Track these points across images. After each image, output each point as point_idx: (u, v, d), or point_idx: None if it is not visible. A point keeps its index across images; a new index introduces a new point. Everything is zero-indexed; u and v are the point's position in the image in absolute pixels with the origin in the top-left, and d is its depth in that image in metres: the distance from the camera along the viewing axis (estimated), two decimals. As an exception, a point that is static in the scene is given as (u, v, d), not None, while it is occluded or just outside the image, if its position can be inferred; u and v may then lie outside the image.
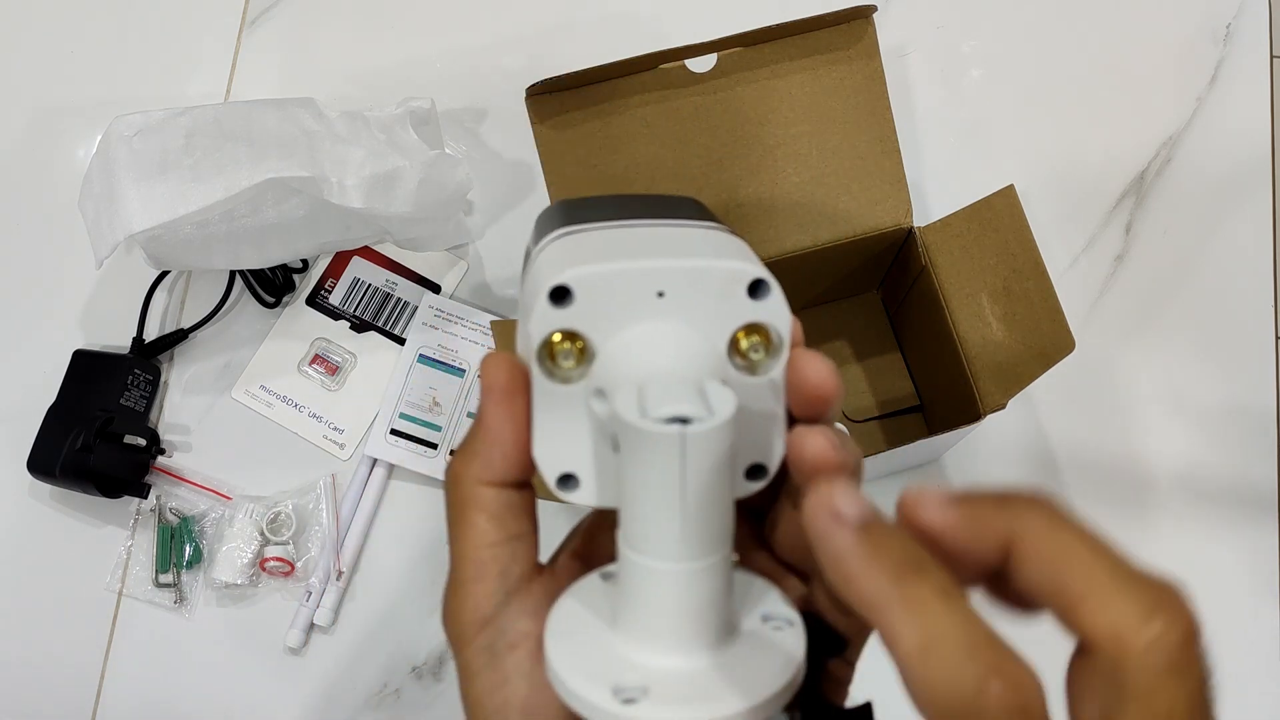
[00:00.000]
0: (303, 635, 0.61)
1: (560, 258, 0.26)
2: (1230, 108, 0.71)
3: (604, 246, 0.27)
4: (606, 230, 0.28)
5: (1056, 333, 0.50)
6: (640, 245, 0.27)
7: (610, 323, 0.25)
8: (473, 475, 0.26)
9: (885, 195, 0.56)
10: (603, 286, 0.25)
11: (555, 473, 0.26)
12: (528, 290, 0.27)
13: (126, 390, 0.63)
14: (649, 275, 0.25)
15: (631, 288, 0.25)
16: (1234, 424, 0.65)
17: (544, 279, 0.25)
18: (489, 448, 0.26)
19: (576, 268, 0.25)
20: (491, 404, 0.26)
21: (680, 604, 0.24)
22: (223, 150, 0.56)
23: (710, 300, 0.25)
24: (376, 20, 0.74)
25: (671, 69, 0.53)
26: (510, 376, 0.26)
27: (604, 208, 0.30)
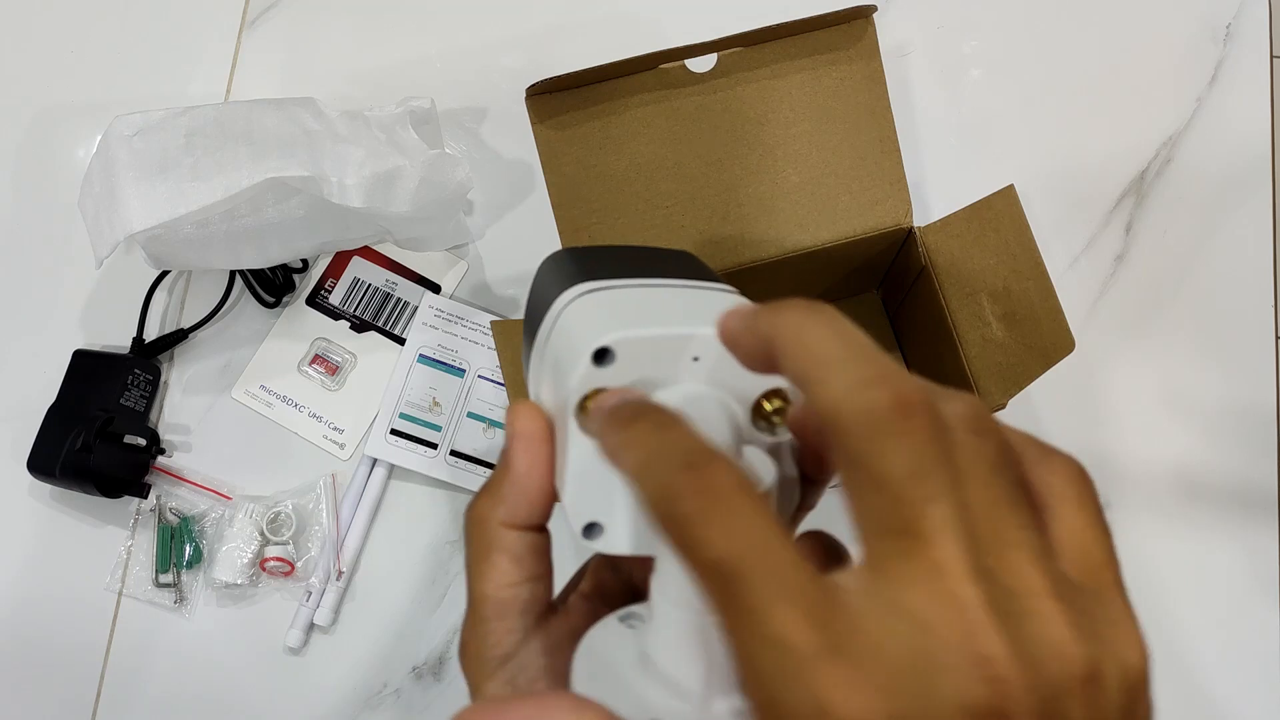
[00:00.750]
0: (303, 635, 0.61)
1: (595, 317, 0.27)
2: (1230, 108, 0.71)
3: (636, 307, 0.29)
4: (633, 289, 0.30)
5: (1056, 333, 0.50)
6: (672, 309, 0.29)
7: (647, 383, 0.27)
8: (498, 518, 0.28)
9: (885, 195, 0.56)
10: (643, 349, 0.26)
11: (583, 520, 0.27)
12: (559, 345, 0.28)
13: (126, 390, 0.63)
14: (687, 341, 0.27)
15: (669, 352, 0.27)
16: (1234, 424, 0.65)
17: (585, 339, 0.26)
18: (515, 492, 0.27)
19: (619, 331, 0.26)
20: (520, 450, 0.27)
21: (713, 649, 0.25)
22: (223, 150, 0.56)
23: (739, 366, 0.27)
24: (376, 20, 0.74)
25: (671, 69, 0.53)
26: (538, 426, 0.28)
27: (614, 261, 0.32)
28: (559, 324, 0.28)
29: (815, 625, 0.19)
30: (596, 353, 0.26)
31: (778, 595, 0.19)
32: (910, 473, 0.20)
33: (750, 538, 0.20)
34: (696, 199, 0.55)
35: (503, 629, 0.27)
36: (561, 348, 0.28)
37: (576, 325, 0.28)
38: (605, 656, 0.27)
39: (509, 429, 0.28)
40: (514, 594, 0.28)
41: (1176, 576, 0.63)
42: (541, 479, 0.27)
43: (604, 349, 0.26)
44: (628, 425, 0.23)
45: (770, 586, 0.19)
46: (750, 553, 0.20)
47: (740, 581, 0.19)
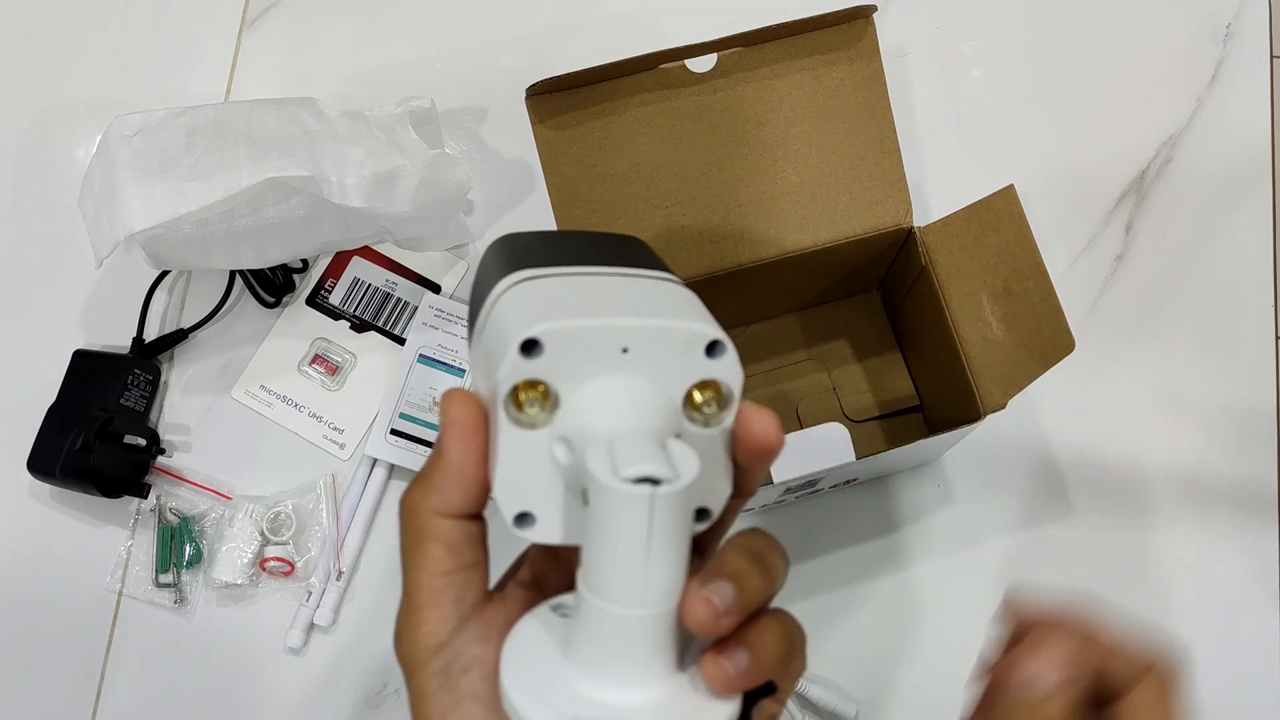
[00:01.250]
0: (303, 635, 0.61)
1: (527, 307, 0.27)
2: (1230, 108, 0.71)
3: (567, 297, 0.28)
4: (567, 278, 0.29)
5: (1056, 333, 0.50)
6: (604, 299, 0.28)
7: (576, 374, 0.27)
8: (430, 507, 0.28)
9: (885, 195, 0.56)
10: (571, 341, 0.26)
11: (514, 510, 0.27)
12: (491, 336, 0.28)
13: (126, 390, 0.63)
14: (615, 332, 0.26)
15: (598, 343, 0.26)
16: (1234, 424, 0.65)
17: (514, 329, 0.26)
18: (448, 481, 0.27)
19: (547, 322, 0.26)
20: (452, 439, 0.27)
21: (634, 646, 0.26)
22: (223, 150, 0.56)
23: (671, 357, 0.27)
24: (376, 20, 0.74)
25: (671, 69, 0.53)
26: (470, 414, 0.27)
27: (554, 248, 0.32)
28: (493, 314, 0.28)
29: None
30: (524, 343, 0.26)
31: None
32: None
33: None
34: (696, 199, 0.55)
35: (436, 617, 0.28)
36: (493, 338, 0.27)
37: (507, 315, 0.27)
38: (533, 645, 0.27)
39: (442, 417, 0.27)
40: (447, 582, 0.28)
41: (1176, 576, 0.63)
42: (475, 467, 0.27)
43: (532, 340, 0.26)
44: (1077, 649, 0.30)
45: None
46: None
47: None
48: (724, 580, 0.26)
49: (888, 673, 0.61)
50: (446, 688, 0.27)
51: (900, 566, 0.63)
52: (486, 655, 0.27)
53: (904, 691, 0.61)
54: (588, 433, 0.26)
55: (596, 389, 0.27)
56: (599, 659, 0.26)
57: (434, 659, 0.27)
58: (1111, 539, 0.63)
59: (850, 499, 0.63)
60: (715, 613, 0.25)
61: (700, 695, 0.26)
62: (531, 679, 0.26)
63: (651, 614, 0.25)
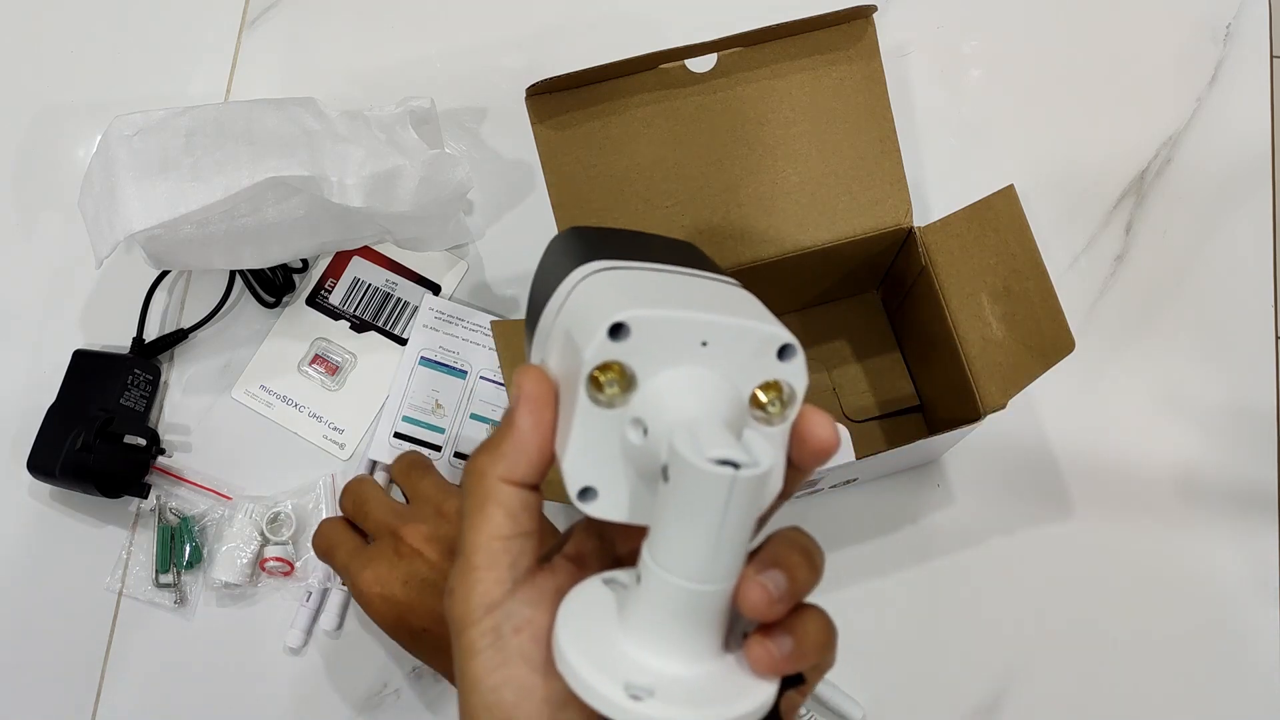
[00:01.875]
0: (303, 636, 0.61)
1: (613, 294, 0.29)
2: (1230, 108, 0.71)
3: (651, 289, 0.30)
4: (645, 271, 0.31)
5: (1056, 333, 0.50)
6: (684, 294, 0.30)
7: (656, 361, 0.28)
8: (497, 472, 0.29)
9: (885, 195, 0.56)
10: (656, 328, 0.27)
11: (579, 485, 0.29)
12: (572, 317, 0.29)
13: (126, 390, 0.63)
14: (698, 326, 0.28)
15: (681, 334, 0.28)
16: (1234, 424, 0.65)
17: (602, 313, 0.27)
18: (516, 450, 0.29)
19: (635, 308, 0.27)
20: (525, 411, 0.29)
21: (690, 619, 0.27)
22: (223, 150, 0.56)
23: (745, 355, 0.29)
24: (376, 20, 0.74)
25: (672, 69, 0.53)
26: (543, 389, 0.29)
27: (624, 244, 0.34)
28: (573, 296, 0.30)
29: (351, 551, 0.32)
30: (613, 327, 0.27)
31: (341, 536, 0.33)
32: None
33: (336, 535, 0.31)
34: (696, 199, 0.55)
35: (491, 578, 0.29)
36: (576, 319, 0.29)
37: (594, 299, 0.29)
38: (588, 612, 0.29)
39: (516, 390, 0.29)
40: (504, 546, 0.29)
41: (1176, 576, 0.63)
42: (542, 440, 0.29)
43: (620, 324, 0.27)
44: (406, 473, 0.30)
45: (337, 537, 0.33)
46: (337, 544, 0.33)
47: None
48: (777, 570, 0.27)
49: (889, 673, 0.61)
50: (496, 646, 0.28)
51: (900, 567, 0.63)
52: (536, 619, 0.29)
53: (905, 691, 0.61)
54: (664, 416, 0.27)
55: (675, 376, 0.28)
56: (655, 629, 0.27)
57: (486, 618, 0.29)
58: (1111, 539, 0.63)
59: (850, 499, 0.63)
60: (770, 598, 0.27)
61: (743, 675, 0.28)
62: (587, 643, 0.28)
63: (712, 590, 0.27)
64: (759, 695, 0.27)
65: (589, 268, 0.30)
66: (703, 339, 0.28)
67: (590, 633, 0.28)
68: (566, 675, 0.27)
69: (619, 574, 0.30)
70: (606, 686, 0.26)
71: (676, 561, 0.27)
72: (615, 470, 0.29)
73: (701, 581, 0.27)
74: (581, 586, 0.30)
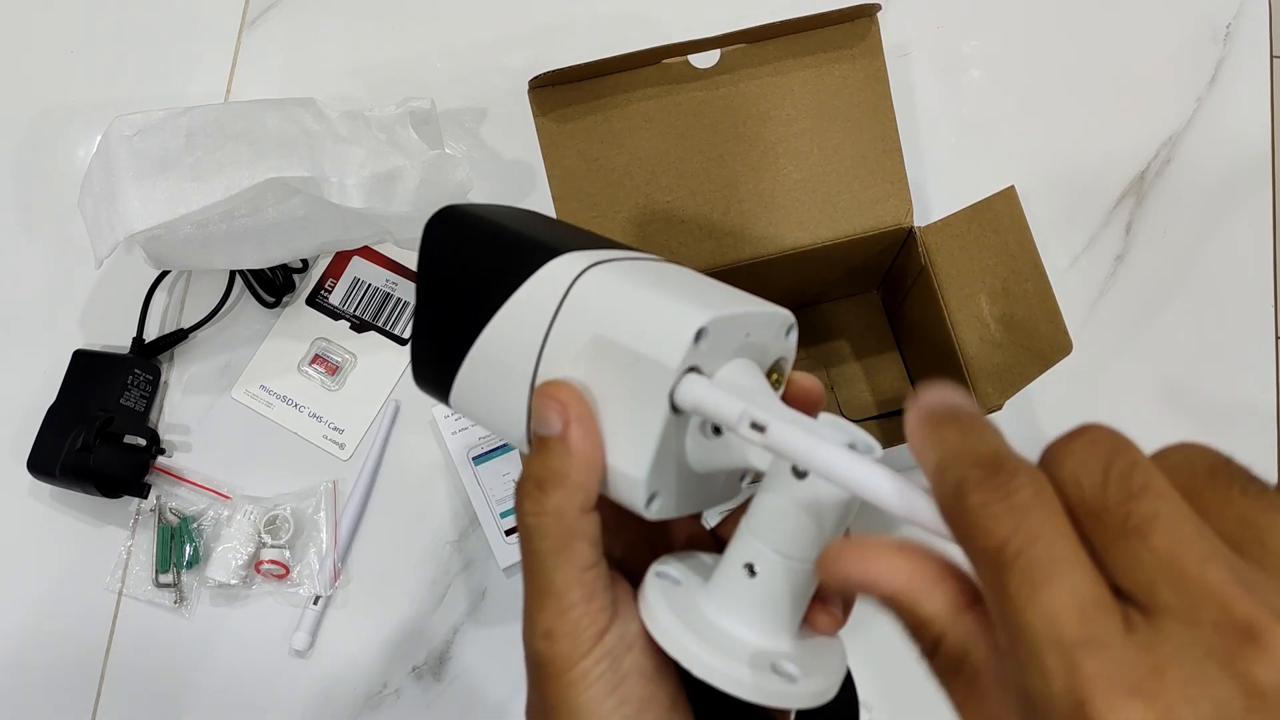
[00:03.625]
0: (309, 638, 0.61)
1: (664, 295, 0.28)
2: (1230, 108, 0.71)
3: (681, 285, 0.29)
4: (634, 263, 0.30)
5: (1054, 335, 0.50)
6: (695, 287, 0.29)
7: (719, 359, 0.28)
8: (576, 506, 0.28)
9: (886, 194, 0.56)
10: (724, 328, 0.27)
11: (650, 493, 0.28)
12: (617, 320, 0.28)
13: (126, 390, 0.63)
14: (749, 320, 0.28)
15: (736, 330, 0.28)
16: (1234, 424, 0.65)
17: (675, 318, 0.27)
18: (586, 477, 0.28)
19: (712, 311, 0.27)
20: (582, 433, 0.28)
21: (804, 595, 0.28)
22: (223, 150, 0.56)
23: (769, 339, 0.30)
24: (377, 20, 0.74)
25: (674, 64, 0.53)
26: (587, 406, 0.28)
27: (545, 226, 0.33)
28: (582, 296, 0.28)
29: (1083, 621, 0.19)
30: (696, 333, 0.27)
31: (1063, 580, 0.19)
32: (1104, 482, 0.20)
33: (1039, 529, 0.20)
34: (697, 194, 0.55)
35: (596, 608, 0.28)
36: (619, 324, 0.28)
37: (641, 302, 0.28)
38: (685, 614, 0.28)
39: (563, 412, 0.28)
40: (596, 574, 0.28)
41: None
42: (601, 458, 0.28)
43: (702, 329, 0.27)
44: (937, 426, 0.23)
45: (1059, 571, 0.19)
46: (1035, 540, 0.20)
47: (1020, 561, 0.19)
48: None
49: (891, 673, 0.61)
50: (613, 670, 0.28)
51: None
52: (641, 631, 0.29)
53: (909, 691, 0.61)
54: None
55: (734, 373, 0.28)
56: (769, 611, 0.28)
57: (597, 647, 0.28)
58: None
59: (850, 499, 0.63)
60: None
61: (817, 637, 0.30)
62: (715, 644, 0.27)
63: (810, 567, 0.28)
64: (840, 652, 0.30)
65: (576, 261, 0.29)
66: (747, 331, 0.29)
67: (702, 630, 0.28)
68: (709, 674, 0.27)
69: (667, 568, 0.30)
70: (760, 677, 0.27)
71: (803, 547, 0.27)
72: (671, 469, 0.28)
73: (810, 558, 0.28)
74: (652, 584, 0.29)
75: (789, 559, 0.28)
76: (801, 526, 0.27)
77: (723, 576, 0.29)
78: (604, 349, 0.28)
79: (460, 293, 0.31)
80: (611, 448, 0.28)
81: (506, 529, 0.62)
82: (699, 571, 0.30)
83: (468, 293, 0.31)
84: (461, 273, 0.31)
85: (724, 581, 0.29)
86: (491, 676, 0.62)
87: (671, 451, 0.28)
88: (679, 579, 0.30)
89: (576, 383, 0.28)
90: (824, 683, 0.28)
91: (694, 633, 0.28)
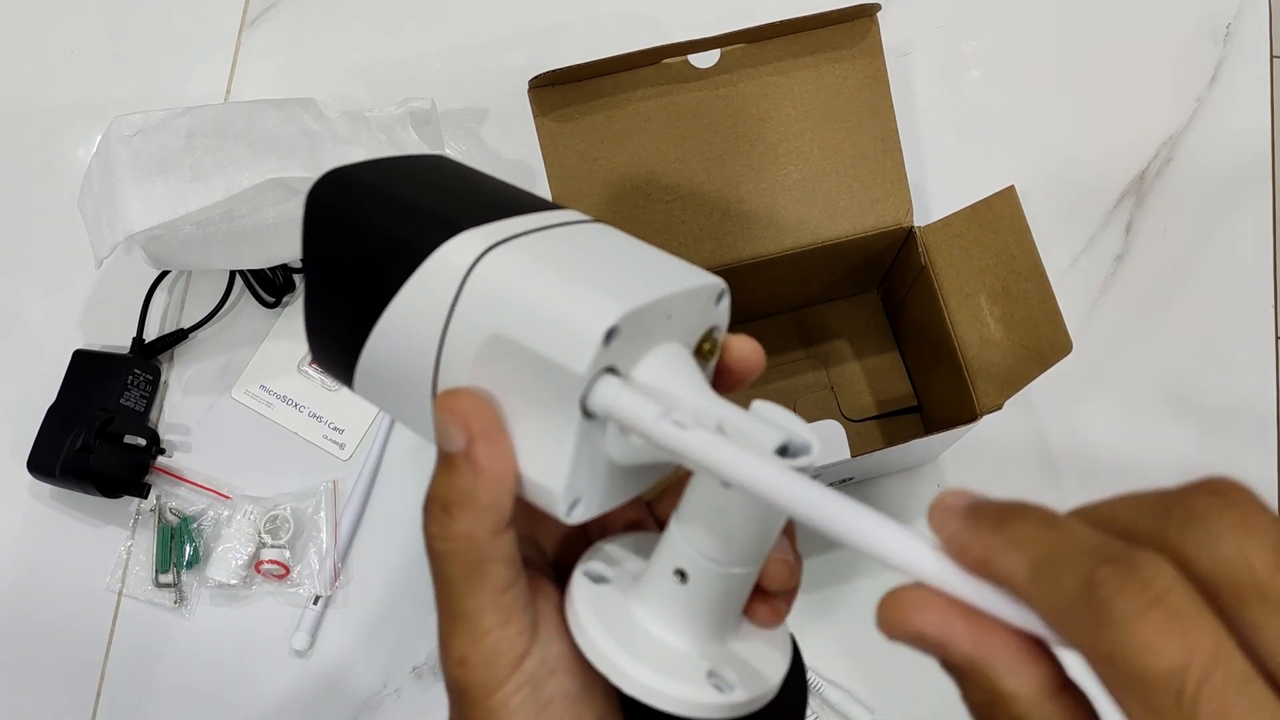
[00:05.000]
0: (308, 638, 0.61)
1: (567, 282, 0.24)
2: (1230, 108, 0.71)
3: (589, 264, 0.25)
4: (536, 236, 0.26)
5: (1054, 335, 0.50)
6: (615, 263, 0.26)
7: (637, 352, 0.25)
8: (486, 528, 0.26)
9: (886, 194, 0.56)
10: (639, 319, 0.24)
11: (570, 500, 0.26)
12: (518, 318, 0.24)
13: (126, 390, 0.63)
14: (668, 303, 0.25)
15: (656, 316, 0.25)
16: (1234, 424, 0.65)
17: (580, 315, 0.23)
18: (496, 496, 0.25)
19: (622, 305, 0.23)
20: (489, 451, 0.25)
21: (739, 600, 0.27)
22: (223, 150, 0.56)
23: (696, 313, 0.27)
24: (377, 20, 0.74)
25: (674, 64, 0.53)
26: (494, 418, 0.25)
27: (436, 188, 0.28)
28: (478, 286, 0.25)
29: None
30: (608, 332, 0.23)
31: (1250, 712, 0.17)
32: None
33: (1210, 644, 0.17)
34: (697, 194, 0.55)
35: (513, 632, 0.26)
36: (520, 323, 0.24)
37: (539, 291, 0.24)
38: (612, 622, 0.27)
39: (465, 426, 0.25)
40: (513, 594, 0.26)
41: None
42: (511, 474, 0.25)
43: (613, 329, 0.23)
44: (1003, 525, 0.20)
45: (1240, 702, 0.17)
46: (1214, 661, 0.17)
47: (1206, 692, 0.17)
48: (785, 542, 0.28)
49: (894, 673, 0.61)
50: (534, 697, 0.26)
51: (900, 566, 0.63)
52: (562, 649, 0.27)
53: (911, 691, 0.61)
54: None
55: (656, 364, 0.25)
56: (703, 617, 0.27)
57: (516, 673, 0.26)
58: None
59: (850, 499, 0.63)
60: (790, 570, 0.28)
61: (760, 636, 0.29)
62: (645, 656, 0.26)
63: (755, 570, 0.27)
64: (784, 644, 0.29)
65: (474, 241, 0.25)
66: (668, 312, 0.25)
67: (635, 643, 0.26)
68: (647, 696, 0.25)
69: (596, 566, 0.28)
70: (697, 691, 0.25)
71: (737, 554, 0.26)
72: (591, 470, 0.26)
73: (755, 564, 0.27)
74: (579, 592, 0.27)
75: (722, 565, 0.26)
76: (735, 531, 0.25)
77: (653, 580, 0.27)
78: (506, 349, 0.24)
79: (348, 276, 0.27)
80: (524, 456, 0.25)
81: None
82: (633, 557, 0.29)
83: (356, 278, 0.26)
84: (349, 254, 0.27)
85: (654, 586, 0.27)
86: (491, 676, 0.62)
87: (590, 453, 0.25)
88: (608, 576, 0.28)
89: (479, 389, 0.25)
90: (764, 685, 0.27)
91: (623, 648, 0.26)
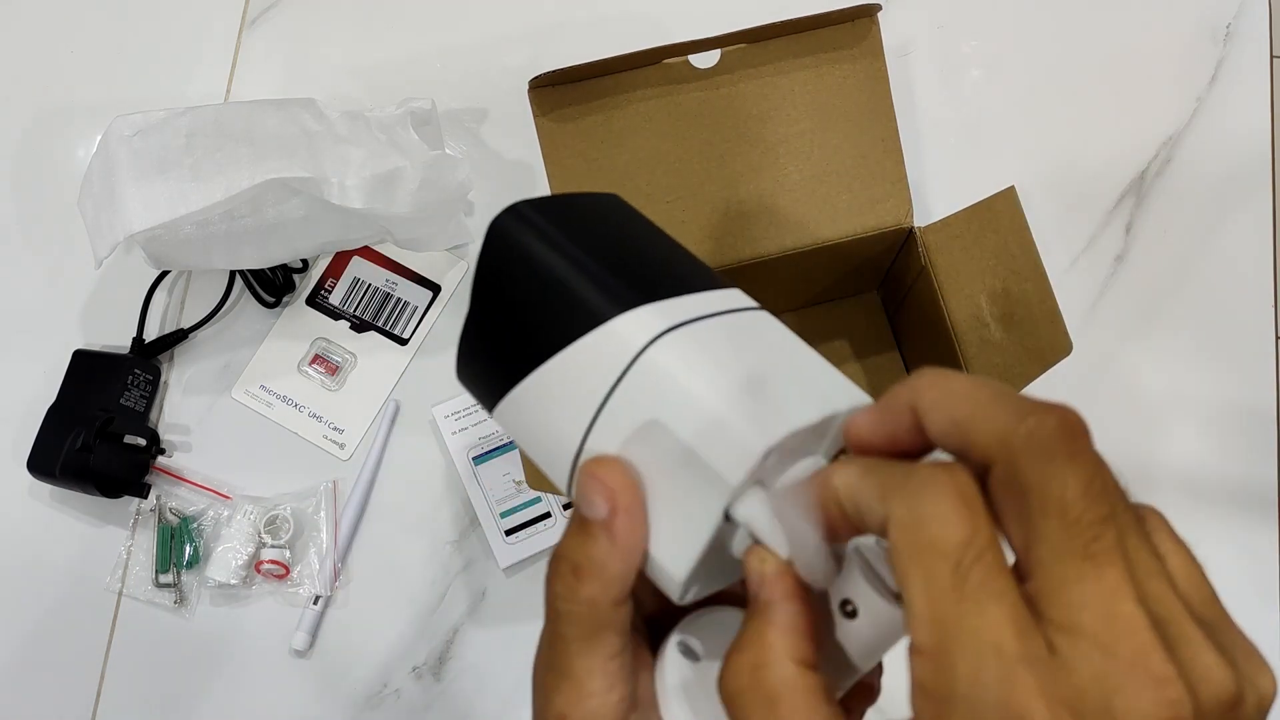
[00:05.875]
0: (308, 638, 0.61)
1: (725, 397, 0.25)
2: (1230, 108, 0.71)
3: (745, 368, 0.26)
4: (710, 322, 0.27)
5: (1054, 335, 0.50)
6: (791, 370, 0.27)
7: (784, 466, 0.26)
8: (611, 598, 0.26)
9: (886, 194, 0.56)
10: (797, 438, 0.25)
11: (689, 586, 0.26)
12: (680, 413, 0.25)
13: (126, 390, 0.63)
14: (825, 423, 0.26)
15: (811, 434, 0.26)
16: (1234, 424, 0.65)
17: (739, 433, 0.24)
18: (625, 569, 0.26)
19: (779, 427, 0.24)
20: (628, 525, 0.25)
21: None
22: (223, 150, 0.56)
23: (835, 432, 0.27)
24: (377, 20, 0.74)
25: (675, 64, 0.53)
26: (637, 493, 0.26)
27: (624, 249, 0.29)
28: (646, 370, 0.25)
29: (1020, 634, 0.20)
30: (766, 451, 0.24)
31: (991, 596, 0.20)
32: (1085, 495, 0.20)
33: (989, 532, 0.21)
34: (697, 194, 0.55)
35: (615, 699, 0.26)
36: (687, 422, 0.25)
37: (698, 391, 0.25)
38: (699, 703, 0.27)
39: (610, 498, 0.25)
40: (620, 662, 0.27)
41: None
42: (643, 551, 0.26)
43: (772, 449, 0.24)
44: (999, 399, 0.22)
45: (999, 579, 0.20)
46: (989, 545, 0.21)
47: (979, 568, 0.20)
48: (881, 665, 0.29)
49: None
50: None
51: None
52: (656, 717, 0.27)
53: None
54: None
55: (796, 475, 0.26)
56: None
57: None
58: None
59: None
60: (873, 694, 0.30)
61: None
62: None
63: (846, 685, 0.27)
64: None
65: (650, 321, 0.26)
66: (824, 431, 0.26)
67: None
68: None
69: (688, 639, 0.28)
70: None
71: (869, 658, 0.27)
72: (709, 560, 0.26)
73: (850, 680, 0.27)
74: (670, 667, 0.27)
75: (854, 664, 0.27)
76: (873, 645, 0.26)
77: None
78: (663, 436, 0.25)
79: (520, 315, 0.27)
80: (654, 536, 0.26)
81: (506, 529, 0.62)
82: (723, 636, 0.28)
83: (529, 319, 0.27)
84: (525, 295, 0.27)
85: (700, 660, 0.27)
86: (491, 676, 0.62)
87: (716, 546, 0.26)
88: (699, 653, 0.28)
89: (628, 464, 0.25)
90: None
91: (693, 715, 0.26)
